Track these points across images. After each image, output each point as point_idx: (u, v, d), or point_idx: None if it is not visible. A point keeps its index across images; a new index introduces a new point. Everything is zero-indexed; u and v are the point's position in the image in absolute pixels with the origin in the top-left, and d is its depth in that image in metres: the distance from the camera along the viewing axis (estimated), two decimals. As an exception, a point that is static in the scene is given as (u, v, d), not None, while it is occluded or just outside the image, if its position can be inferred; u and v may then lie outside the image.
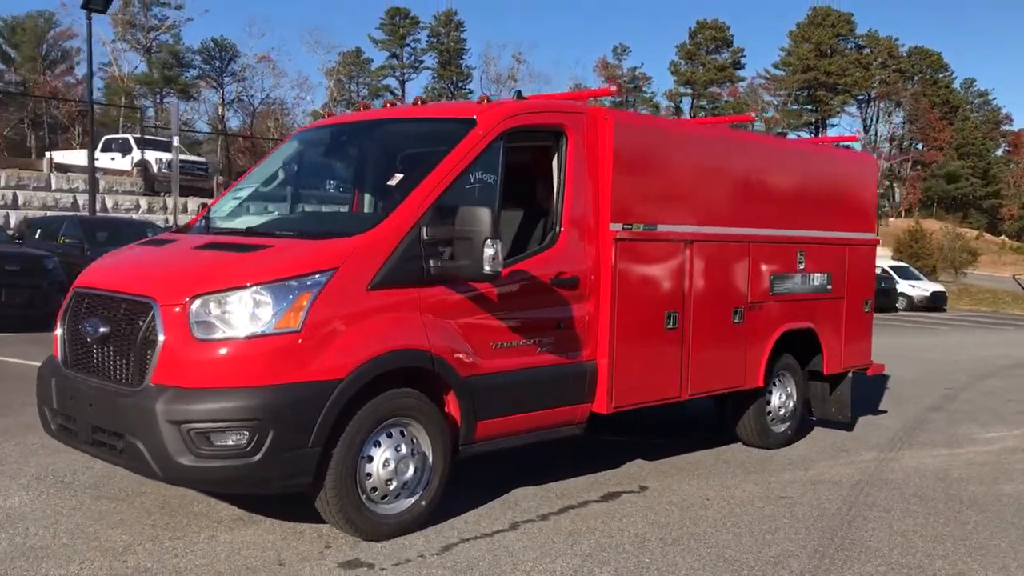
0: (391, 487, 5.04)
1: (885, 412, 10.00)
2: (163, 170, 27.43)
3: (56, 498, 5.60)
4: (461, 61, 78.14)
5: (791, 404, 7.98)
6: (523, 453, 7.19)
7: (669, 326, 6.58)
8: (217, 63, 72.86)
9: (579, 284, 6.00)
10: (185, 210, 25.30)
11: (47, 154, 30.02)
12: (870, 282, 8.73)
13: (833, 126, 77.33)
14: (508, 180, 5.76)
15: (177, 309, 4.66)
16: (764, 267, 7.41)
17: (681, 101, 75.55)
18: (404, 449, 5.08)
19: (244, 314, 4.64)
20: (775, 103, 75.06)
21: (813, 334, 8.02)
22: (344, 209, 6.73)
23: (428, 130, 6.06)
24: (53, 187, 24.95)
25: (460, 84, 77.59)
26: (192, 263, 5.11)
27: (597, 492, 6.24)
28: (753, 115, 10.19)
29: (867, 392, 11.16)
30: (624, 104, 76.05)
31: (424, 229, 5.13)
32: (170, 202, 25.54)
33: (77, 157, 29.25)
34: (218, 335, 4.62)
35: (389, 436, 5.06)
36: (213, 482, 4.72)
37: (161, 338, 4.64)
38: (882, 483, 6.86)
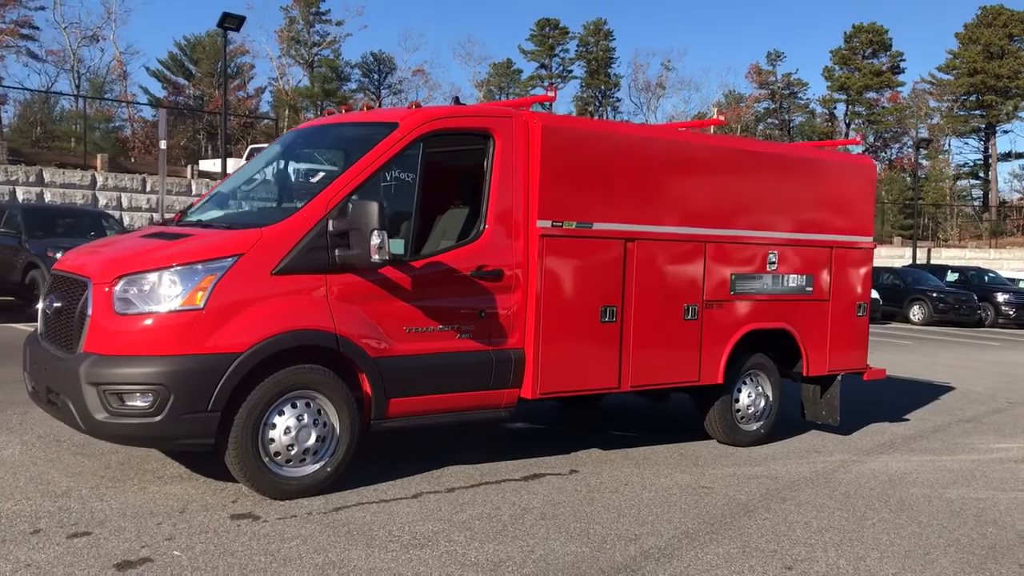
0: (292, 452, 5.65)
1: (906, 420, 9.83)
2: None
3: (42, 452, 6.52)
4: (610, 70, 78.41)
5: (762, 403, 8.08)
6: (483, 434, 7.68)
7: (605, 319, 6.90)
8: (375, 76, 76.33)
9: (503, 276, 6.44)
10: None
11: (192, 164, 32.43)
12: (865, 286, 8.68)
13: (1006, 132, 72.53)
14: (445, 180, 6.25)
15: (105, 288, 5.44)
16: (724, 267, 7.59)
17: (835, 107, 73.07)
18: (306, 419, 5.68)
19: (156, 293, 5.37)
20: (940, 108, 71.48)
21: (790, 335, 8.10)
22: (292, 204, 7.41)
23: (359, 133, 6.65)
24: (193, 192, 27.10)
25: (608, 92, 77.91)
26: (128, 249, 5.90)
27: (524, 473, 6.65)
28: (723, 118, 9.92)
29: (907, 400, 10.98)
30: (780, 111, 74.34)
31: (331, 222, 5.72)
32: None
33: (230, 165, 31.52)
34: (134, 310, 5.37)
35: (294, 406, 5.67)
36: (124, 437, 5.46)
37: (90, 312, 5.44)
38: (823, 482, 6.93)
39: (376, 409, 5.98)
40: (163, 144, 19.12)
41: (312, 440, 5.71)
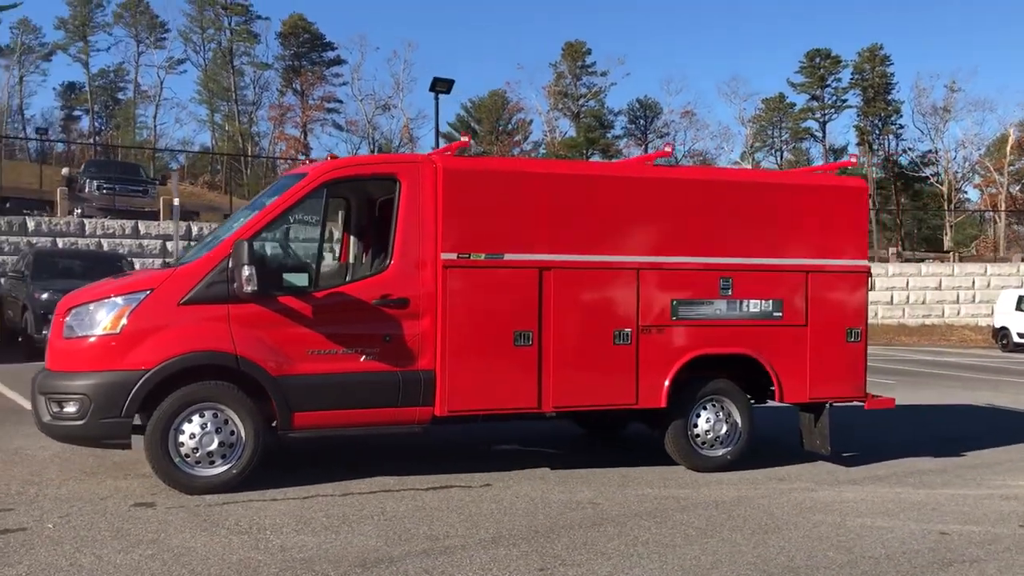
0: (198, 454, 6.71)
1: (962, 455, 9.17)
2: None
3: (41, 443, 7.98)
4: (888, 96, 74.43)
5: (723, 428, 8.07)
6: (433, 447, 8.35)
7: (519, 343, 7.37)
8: (641, 121, 77.94)
9: (408, 304, 7.16)
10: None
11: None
12: (855, 310, 8.37)
13: None
14: (365, 221, 7.10)
15: (61, 318, 6.85)
16: (663, 293, 7.77)
17: None
18: (210, 426, 6.74)
19: (87, 321, 6.71)
20: None
21: (754, 361, 8.05)
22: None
23: (284, 183, 7.66)
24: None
25: (888, 119, 73.86)
26: (89, 287, 7.29)
27: (438, 483, 7.27)
28: (669, 149, 9.29)
29: (974, 435, 10.20)
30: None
31: (230, 260, 6.78)
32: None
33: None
34: (73, 335, 6.73)
35: (202, 415, 6.74)
36: (63, 436, 6.78)
37: (50, 336, 6.86)
38: (734, 505, 6.91)
39: (282, 420, 6.92)
40: (176, 201, 21.43)
41: (215, 445, 6.75)
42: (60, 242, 21.25)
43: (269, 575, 5.05)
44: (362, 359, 7.10)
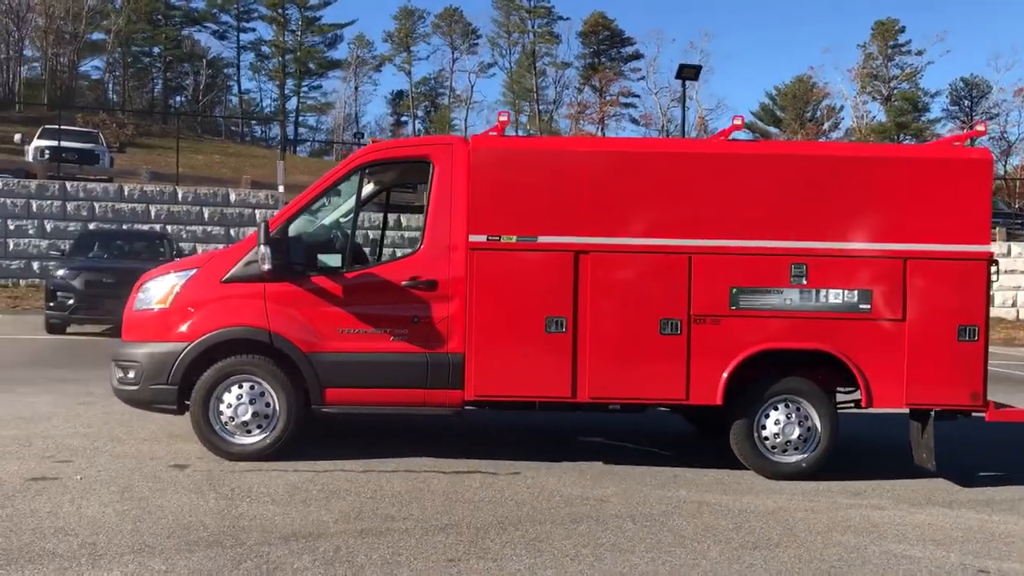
0: (235, 423, 7.14)
1: None
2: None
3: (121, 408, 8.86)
4: None
5: (795, 432, 7.20)
6: (484, 431, 8.26)
7: (552, 329, 7.07)
8: (965, 102, 71.17)
9: (438, 287, 7.14)
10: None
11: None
12: (970, 303, 7.11)
13: None
14: (394, 202, 7.22)
15: (135, 292, 7.58)
16: (719, 280, 7.09)
17: None
18: (244, 397, 7.14)
19: (148, 296, 7.36)
20: None
21: (835, 359, 7.13)
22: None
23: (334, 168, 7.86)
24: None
25: None
26: (165, 265, 7.96)
27: (464, 468, 7.18)
28: (740, 122, 7.17)
29: None
30: None
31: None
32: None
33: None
34: (139, 308, 7.42)
35: (240, 387, 7.17)
36: (124, 399, 7.44)
37: (125, 309, 7.62)
38: (761, 515, 6.19)
39: (313, 395, 7.18)
40: (280, 188, 21.41)
41: (248, 415, 7.14)
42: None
43: (198, 538, 5.29)
44: (391, 339, 7.18)
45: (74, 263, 16.29)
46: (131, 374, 7.25)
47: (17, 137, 31.07)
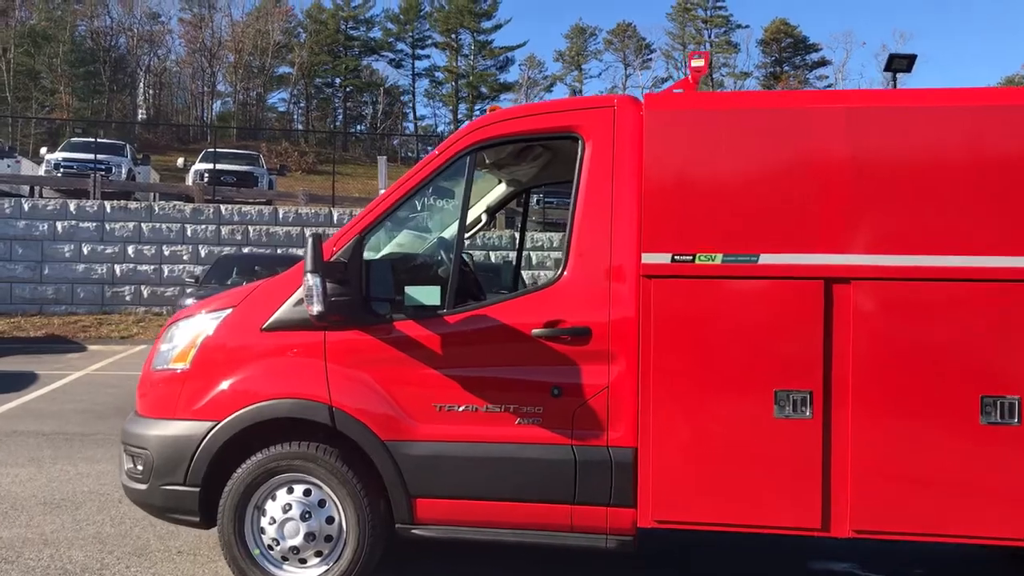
0: (280, 547, 4.61)
1: None
2: None
3: None
4: None
5: None
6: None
7: (786, 411, 4.17)
8: None
9: (591, 337, 4.38)
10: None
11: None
12: None
13: None
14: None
15: (157, 342, 5.22)
16: (1090, 326, 3.98)
17: None
18: (295, 509, 4.60)
19: (167, 348, 4.96)
20: None
21: None
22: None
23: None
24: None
25: None
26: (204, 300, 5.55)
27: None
28: None
29: None
30: None
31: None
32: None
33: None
34: (154, 366, 5.03)
35: (290, 491, 4.65)
36: (132, 500, 5.05)
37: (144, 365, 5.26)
38: None
39: (397, 510, 4.56)
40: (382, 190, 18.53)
41: (300, 537, 4.59)
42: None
43: None
44: (516, 422, 4.46)
45: (206, 291, 14.33)
46: (139, 466, 4.87)
47: (180, 161, 30.72)
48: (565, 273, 4.47)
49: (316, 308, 4.24)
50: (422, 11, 74.08)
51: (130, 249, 22.26)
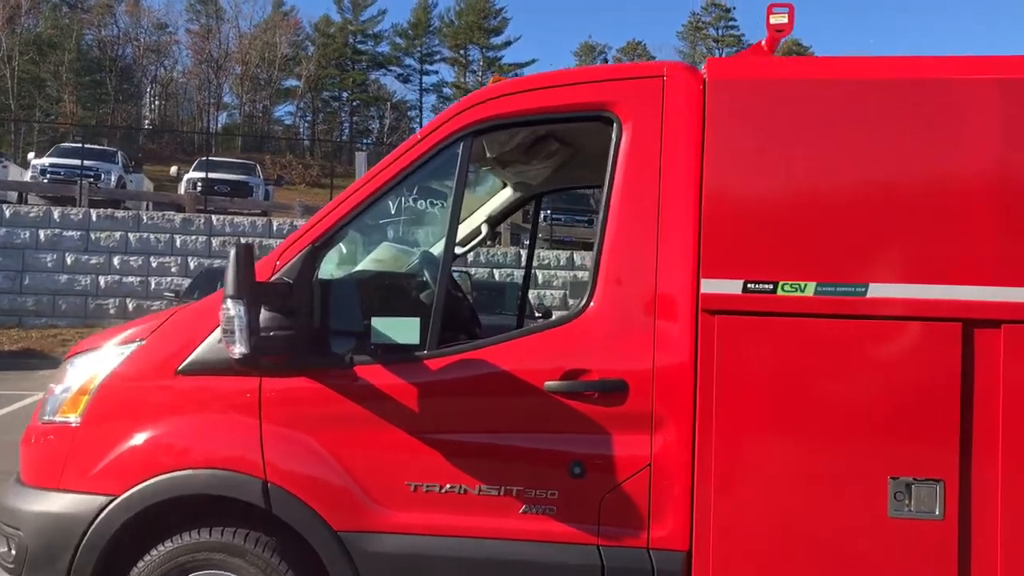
0: (197, 677, 3.36)
1: None
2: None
3: None
4: None
5: None
6: None
7: (907, 509, 2.92)
8: None
9: (628, 392, 3.13)
10: None
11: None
12: None
13: None
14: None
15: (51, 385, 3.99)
16: None
17: None
18: (212, 625, 3.34)
19: (55, 392, 3.73)
20: None
21: None
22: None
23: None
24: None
25: None
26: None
27: None
28: None
29: None
30: None
31: None
32: None
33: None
34: (40, 417, 3.79)
35: (211, 597, 3.39)
36: (4, 594, 3.82)
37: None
38: None
39: (355, 627, 3.29)
40: None
41: (223, 661, 3.33)
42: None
43: None
44: (522, 510, 3.20)
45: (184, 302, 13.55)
46: (13, 550, 3.61)
47: (173, 170, 29.65)
48: (592, 304, 3.22)
49: (238, 348, 2.99)
50: (431, 27, 73.41)
51: (116, 260, 21.11)
